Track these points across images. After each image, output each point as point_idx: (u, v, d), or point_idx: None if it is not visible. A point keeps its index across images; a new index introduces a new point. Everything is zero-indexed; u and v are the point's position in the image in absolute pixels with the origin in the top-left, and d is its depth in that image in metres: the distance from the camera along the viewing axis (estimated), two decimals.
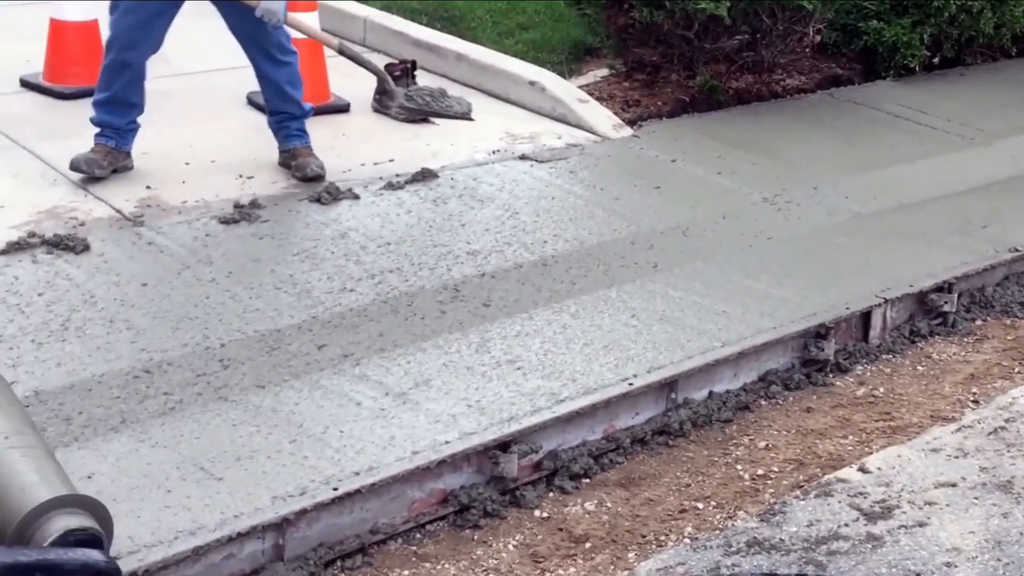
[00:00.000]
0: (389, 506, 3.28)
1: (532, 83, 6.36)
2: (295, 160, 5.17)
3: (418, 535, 3.32)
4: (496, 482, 3.47)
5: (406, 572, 3.18)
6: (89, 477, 3.17)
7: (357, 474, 3.26)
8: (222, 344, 3.86)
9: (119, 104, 4.97)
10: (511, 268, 4.55)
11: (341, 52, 5.62)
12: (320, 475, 3.25)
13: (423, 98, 5.93)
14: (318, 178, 5.10)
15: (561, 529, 3.38)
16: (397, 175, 5.26)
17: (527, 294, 4.37)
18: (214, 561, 2.98)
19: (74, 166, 4.93)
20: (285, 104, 5.18)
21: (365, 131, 5.78)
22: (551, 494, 3.54)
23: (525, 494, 3.49)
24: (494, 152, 5.60)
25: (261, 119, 5.77)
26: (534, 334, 4.09)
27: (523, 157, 5.55)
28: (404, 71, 6.08)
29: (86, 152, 4.96)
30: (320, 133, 5.41)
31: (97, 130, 5.02)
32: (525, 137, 5.87)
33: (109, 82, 4.95)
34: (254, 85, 5.98)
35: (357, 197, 5.02)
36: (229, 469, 3.25)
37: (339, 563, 3.16)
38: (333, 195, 4.98)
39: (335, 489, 3.18)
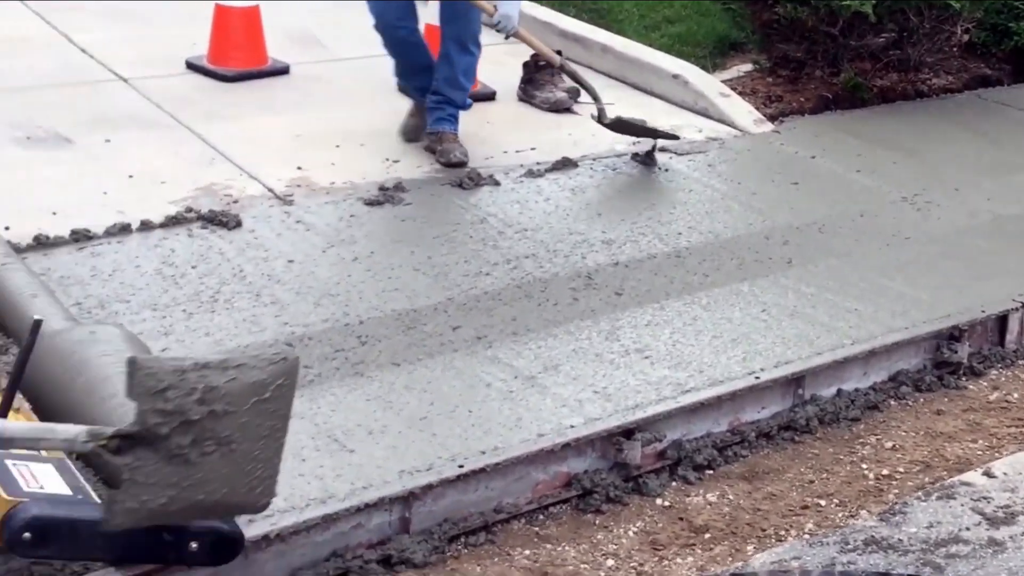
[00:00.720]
0: (513, 486, 3.29)
1: (675, 76, 6.29)
2: (441, 144, 5.22)
3: (541, 516, 3.33)
4: (619, 468, 3.45)
5: (527, 552, 3.18)
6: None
7: (483, 453, 3.28)
8: (361, 321, 3.91)
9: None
10: (645, 258, 4.51)
11: (562, 68, 5.53)
12: (447, 452, 3.27)
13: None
14: (461, 164, 5.14)
15: (682, 519, 3.35)
16: (538, 163, 5.26)
17: (659, 284, 4.33)
18: (343, 530, 3.02)
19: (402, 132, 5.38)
20: (452, 90, 5.25)
21: (509, 120, 5.79)
22: (674, 483, 3.50)
23: (648, 482, 3.46)
24: (634, 143, 5.56)
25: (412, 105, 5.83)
26: (664, 324, 4.05)
27: (663, 149, 5.49)
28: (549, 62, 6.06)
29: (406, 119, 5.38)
30: (466, 120, 5.44)
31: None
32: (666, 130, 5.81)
33: (394, 60, 5.34)
34: None
35: (498, 184, 5.04)
36: (361, 442, 3.30)
37: (463, 539, 3.18)
38: (475, 181, 5.01)
39: (460, 467, 3.20)
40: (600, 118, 5.37)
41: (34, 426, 2.54)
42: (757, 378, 3.73)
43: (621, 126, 5.41)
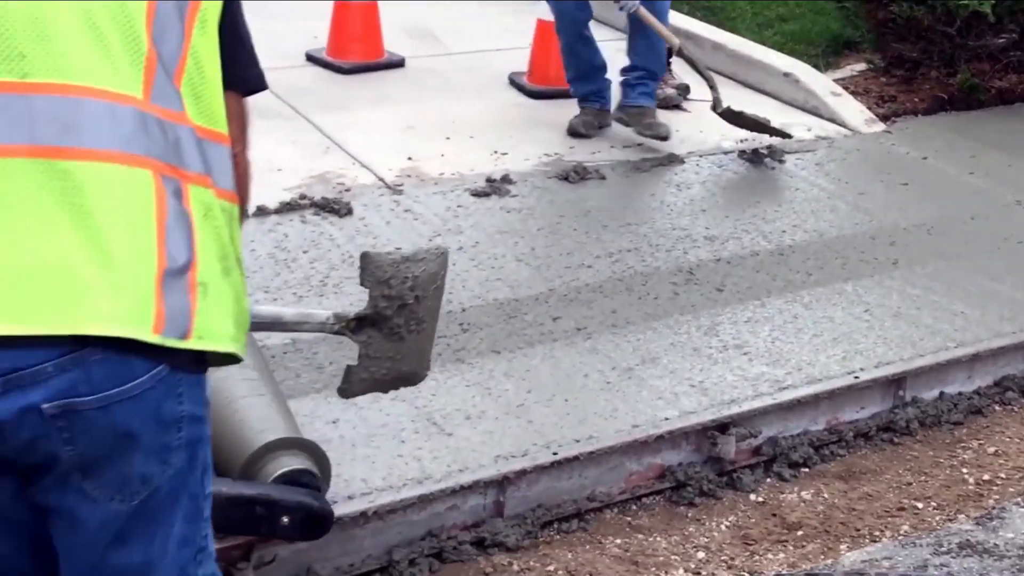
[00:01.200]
0: (607, 476, 3.29)
1: (786, 75, 6.21)
2: (644, 119, 5.30)
3: (633, 506, 3.32)
4: (713, 463, 3.43)
5: (619, 540, 3.18)
6: (334, 422, 3.31)
7: (577, 441, 3.29)
8: (463, 309, 3.95)
9: (585, 78, 5.38)
10: (747, 255, 4.47)
11: (680, 53, 5.45)
12: (542, 439, 3.29)
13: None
14: (666, 138, 5.24)
15: (775, 515, 3.32)
16: (644, 159, 5.24)
17: (761, 282, 4.29)
18: (438, 511, 3.06)
19: (571, 131, 5.39)
20: (651, 61, 5.31)
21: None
22: (768, 480, 3.47)
23: (742, 477, 3.43)
24: (741, 141, 5.51)
25: (521, 98, 5.89)
26: (764, 321, 4.02)
27: (769, 147, 5.43)
28: None
29: (578, 116, 5.42)
30: (571, 118, 5.46)
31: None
32: None
33: (569, 63, 5.37)
34: (517, 66, 6.09)
35: (604, 178, 5.04)
36: (459, 426, 3.34)
37: (555, 525, 3.20)
38: (580, 175, 5.01)
39: (555, 454, 3.21)
40: (714, 107, 5.32)
41: (298, 311, 2.68)
42: (856, 378, 3.67)
43: (734, 117, 5.35)
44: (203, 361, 1.66)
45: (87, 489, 1.58)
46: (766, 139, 5.46)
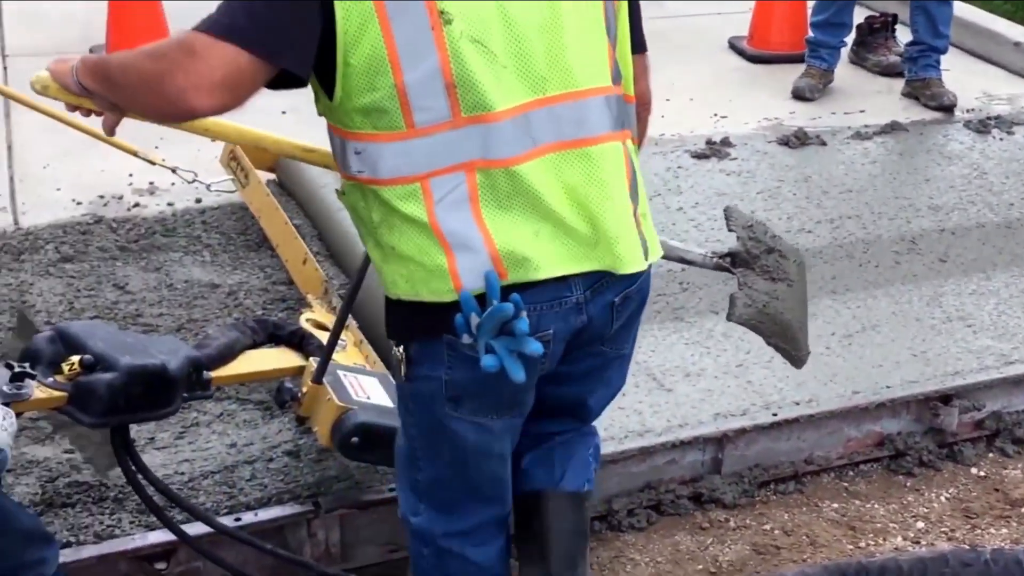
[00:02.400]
0: (825, 440, 3.22)
1: (1016, 44, 5.90)
2: (928, 89, 5.27)
3: (850, 472, 3.25)
4: (934, 434, 3.31)
5: (835, 505, 3.12)
6: None
7: (797, 404, 3.23)
8: (683, 268, 3.91)
9: (832, 26, 5.35)
10: (972, 227, 4.29)
11: None
12: (761, 400, 3.25)
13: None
14: (951, 108, 5.18)
15: (997, 490, 3.19)
16: (866, 126, 5.07)
17: (987, 254, 4.11)
18: (657, 464, 3.06)
19: (796, 94, 5.34)
20: (935, 39, 5.27)
21: (839, 81, 5.58)
22: (991, 455, 3.33)
23: (963, 450, 3.31)
24: (967, 111, 5.27)
25: (740, 63, 5.79)
26: (989, 295, 3.85)
27: (997, 118, 5.18)
28: (884, 23, 5.82)
29: (803, 76, 5.38)
30: (793, 80, 5.32)
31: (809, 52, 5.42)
32: (1003, 99, 5.47)
33: (825, 6, 5.35)
34: (737, 30, 5.98)
35: (824, 144, 4.90)
36: (678, 383, 3.32)
37: (772, 486, 3.15)
38: (801, 140, 4.89)
39: (774, 415, 3.17)
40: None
41: (678, 245, 2.75)
42: None
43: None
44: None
45: (604, 350, 2.21)
46: (994, 109, 5.22)
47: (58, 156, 4.50)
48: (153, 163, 3.83)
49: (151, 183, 4.31)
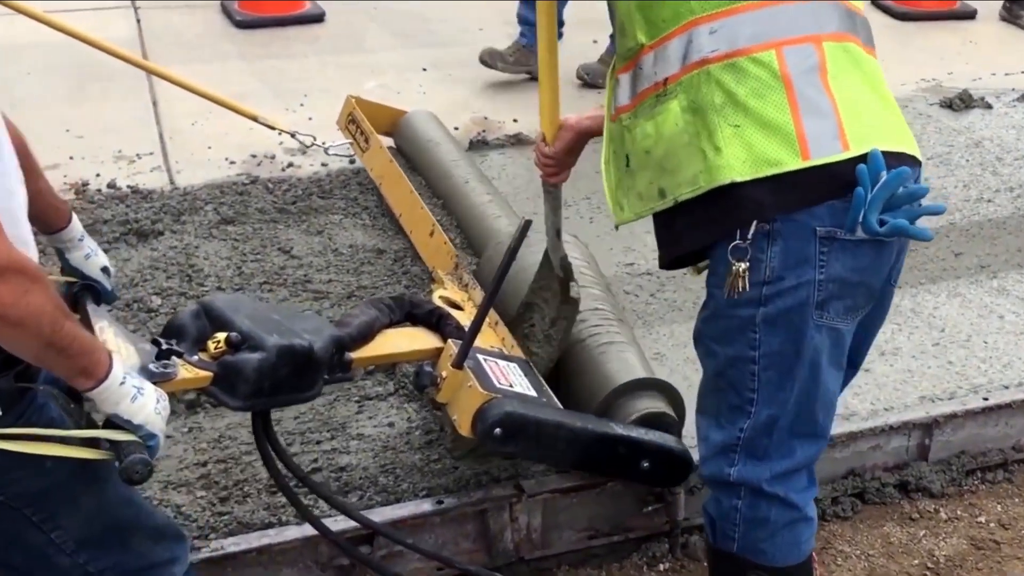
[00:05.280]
0: None
1: None
2: None
3: None
4: None
5: None
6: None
7: (1007, 388, 2.99)
8: None
9: None
10: None
11: None
12: (967, 383, 3.01)
13: None
14: None
15: None
16: None
17: None
18: (860, 449, 2.83)
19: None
20: None
21: (993, 40, 5.28)
22: None
23: None
24: None
25: (888, 20, 5.50)
26: None
27: None
28: None
29: None
30: (945, 39, 5.01)
31: None
32: None
33: None
34: None
35: (990, 107, 4.60)
36: (874, 363, 3.08)
37: (979, 474, 2.92)
38: (965, 102, 4.59)
39: (985, 399, 2.93)
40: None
41: None
42: None
43: None
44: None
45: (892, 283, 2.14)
46: None
47: (203, 113, 4.34)
48: (272, 128, 3.69)
49: (301, 143, 4.13)
